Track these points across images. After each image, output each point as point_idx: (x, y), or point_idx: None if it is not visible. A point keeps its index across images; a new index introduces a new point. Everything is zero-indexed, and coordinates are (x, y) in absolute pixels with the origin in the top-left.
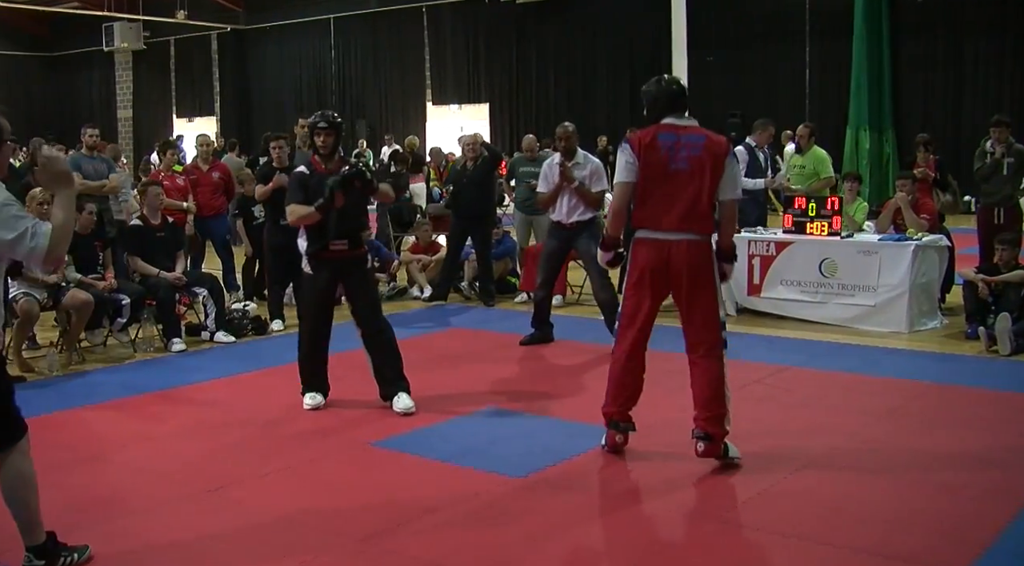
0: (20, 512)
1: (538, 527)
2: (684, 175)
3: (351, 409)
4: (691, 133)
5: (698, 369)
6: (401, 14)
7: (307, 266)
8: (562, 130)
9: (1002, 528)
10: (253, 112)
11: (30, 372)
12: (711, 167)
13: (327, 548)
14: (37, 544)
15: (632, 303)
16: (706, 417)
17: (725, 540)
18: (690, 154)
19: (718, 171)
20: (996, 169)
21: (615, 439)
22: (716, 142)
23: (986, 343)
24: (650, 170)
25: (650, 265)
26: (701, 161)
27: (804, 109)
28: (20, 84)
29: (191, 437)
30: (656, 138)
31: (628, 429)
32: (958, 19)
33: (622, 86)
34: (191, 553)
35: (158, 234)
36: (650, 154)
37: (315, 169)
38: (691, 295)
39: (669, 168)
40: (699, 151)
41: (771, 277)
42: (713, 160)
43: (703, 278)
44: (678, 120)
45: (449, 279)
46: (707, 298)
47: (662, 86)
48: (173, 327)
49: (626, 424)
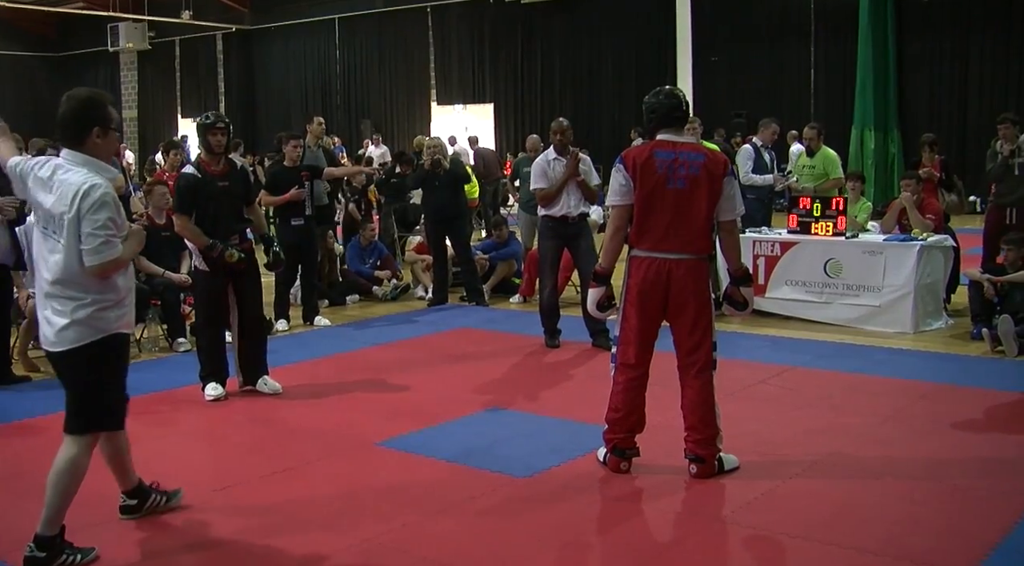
0: (54, 499)
1: (542, 527)
2: (682, 194)
3: (355, 409)
4: (689, 150)
5: (689, 391)
6: (406, 14)
7: (202, 263)
8: (557, 125)
9: (1008, 529)
10: (258, 112)
11: (36, 372)
12: (709, 186)
13: (331, 548)
14: (47, 535)
15: (631, 324)
16: (696, 440)
17: (730, 541)
18: (688, 173)
19: (716, 190)
20: (1007, 170)
21: (619, 466)
22: (715, 160)
23: (991, 344)
24: (647, 189)
25: (648, 284)
26: (699, 180)
27: (809, 109)
28: (26, 84)
29: (196, 437)
30: (653, 156)
31: (633, 455)
32: (963, 18)
33: (627, 86)
34: (195, 553)
35: (163, 234)
36: (647, 173)
37: (205, 170)
38: (688, 316)
39: (667, 187)
40: (698, 170)
41: (776, 277)
42: (711, 179)
43: (700, 299)
44: (676, 136)
45: (443, 282)
46: (703, 320)
47: (660, 98)
48: (178, 327)
49: (631, 451)
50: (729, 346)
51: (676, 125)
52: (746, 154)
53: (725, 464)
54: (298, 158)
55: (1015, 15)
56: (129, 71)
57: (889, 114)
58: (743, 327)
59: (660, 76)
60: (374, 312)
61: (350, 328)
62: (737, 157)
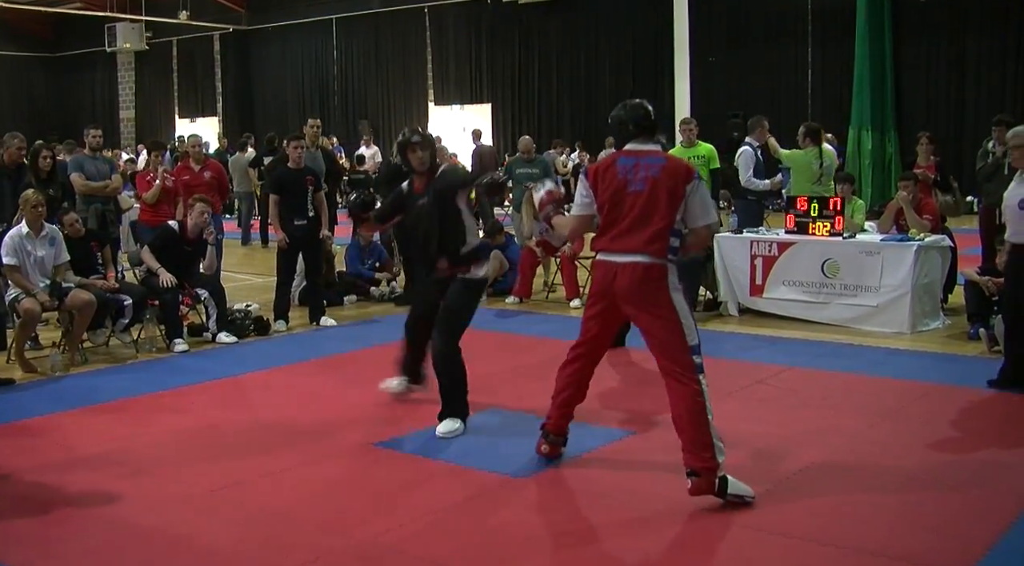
0: None
1: (540, 527)
2: (639, 196)
3: (353, 410)
4: (651, 156)
5: (672, 396)
6: (403, 14)
7: None
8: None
9: (1005, 529)
10: (255, 113)
11: (33, 372)
12: (668, 189)
13: (329, 548)
14: None
15: (584, 327)
16: (687, 450)
17: (728, 541)
18: (647, 175)
19: (677, 194)
20: (997, 169)
21: (541, 448)
22: (676, 165)
23: (988, 344)
24: (607, 195)
25: (599, 287)
26: (658, 182)
27: (806, 109)
28: (23, 85)
29: (194, 437)
30: (615, 164)
31: (558, 443)
32: (960, 19)
33: (624, 87)
34: (193, 553)
35: (186, 247)
36: (606, 180)
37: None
38: (644, 320)
39: (627, 190)
40: (657, 172)
41: (773, 278)
42: (672, 182)
43: (654, 302)
44: (641, 145)
45: None
46: (662, 324)
47: (626, 111)
48: (175, 328)
49: (556, 437)
50: (727, 346)
51: (643, 134)
52: (748, 158)
53: (729, 488)
54: (300, 159)
55: (1012, 16)
56: (126, 72)
57: (886, 115)
58: (740, 327)
59: (657, 77)
60: (372, 312)
61: (348, 328)
62: (738, 161)
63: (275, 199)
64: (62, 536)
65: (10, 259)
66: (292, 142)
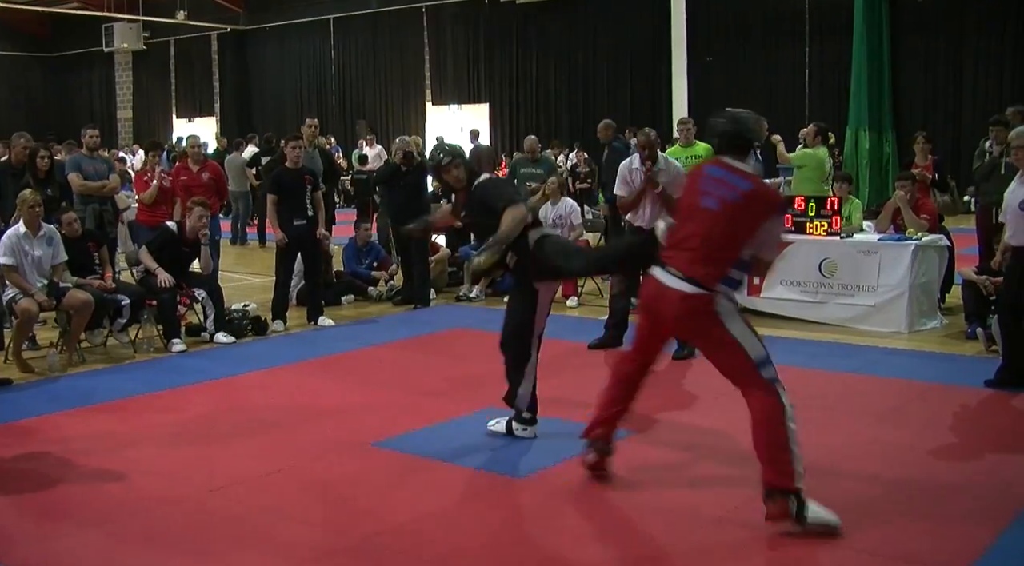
0: None
1: (538, 527)
2: (710, 215)
3: (352, 410)
4: (739, 176)
5: (750, 411)
6: (401, 14)
7: None
8: (644, 138)
9: (1002, 528)
10: (253, 113)
11: (30, 372)
12: (744, 219)
13: (328, 548)
14: None
15: (635, 335)
16: (761, 467)
17: (725, 540)
18: (726, 195)
19: (752, 227)
20: (994, 168)
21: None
22: (762, 195)
23: (985, 343)
24: (686, 201)
25: (645, 302)
26: (736, 208)
27: (804, 109)
28: (20, 84)
29: (191, 437)
30: (703, 170)
31: (605, 452)
32: (957, 19)
33: (622, 87)
34: (192, 553)
35: (184, 248)
36: (692, 182)
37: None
38: (700, 345)
39: (700, 204)
40: (738, 197)
41: (771, 277)
42: (749, 213)
43: (705, 334)
44: (733, 161)
45: (424, 283)
46: (719, 348)
47: (734, 124)
48: (173, 328)
49: (599, 444)
50: None
51: (736, 152)
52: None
53: (808, 515)
54: (298, 159)
55: (1009, 16)
56: (124, 71)
57: (884, 114)
58: None
59: (655, 76)
60: (369, 312)
61: (346, 328)
62: None
63: (273, 199)
64: (60, 536)
65: (7, 259)
66: (290, 142)
